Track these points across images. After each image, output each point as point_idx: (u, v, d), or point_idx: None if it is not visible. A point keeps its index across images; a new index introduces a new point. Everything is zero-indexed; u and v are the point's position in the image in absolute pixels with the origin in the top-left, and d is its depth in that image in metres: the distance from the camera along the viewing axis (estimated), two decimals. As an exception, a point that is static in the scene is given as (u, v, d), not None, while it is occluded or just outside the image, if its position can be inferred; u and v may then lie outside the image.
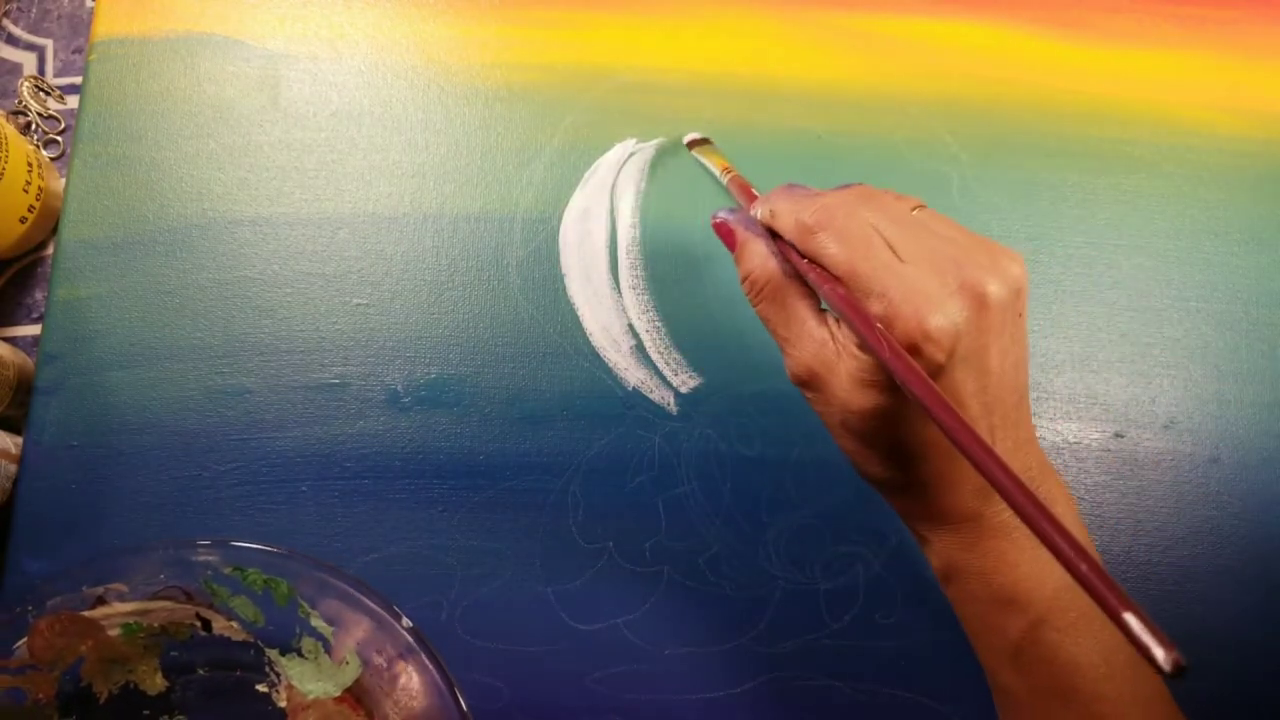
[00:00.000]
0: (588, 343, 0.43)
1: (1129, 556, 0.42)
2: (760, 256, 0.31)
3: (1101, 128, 0.47)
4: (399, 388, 0.42)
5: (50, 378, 0.41)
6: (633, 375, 0.42)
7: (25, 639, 0.35)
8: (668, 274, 0.43)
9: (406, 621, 0.35)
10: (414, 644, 0.35)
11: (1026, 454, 0.29)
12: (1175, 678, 0.18)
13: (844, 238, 0.28)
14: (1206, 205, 0.46)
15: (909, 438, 0.28)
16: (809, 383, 0.29)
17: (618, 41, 0.46)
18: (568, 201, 0.44)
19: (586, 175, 0.44)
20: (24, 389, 0.41)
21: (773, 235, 0.31)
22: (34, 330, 0.43)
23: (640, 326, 0.43)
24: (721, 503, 0.42)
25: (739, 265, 0.32)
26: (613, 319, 0.43)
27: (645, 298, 0.43)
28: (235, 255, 0.43)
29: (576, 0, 0.46)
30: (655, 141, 0.45)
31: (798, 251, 0.30)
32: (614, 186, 0.44)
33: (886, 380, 0.27)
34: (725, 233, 0.33)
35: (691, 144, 0.44)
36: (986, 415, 0.28)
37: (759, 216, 0.32)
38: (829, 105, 0.46)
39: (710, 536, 0.41)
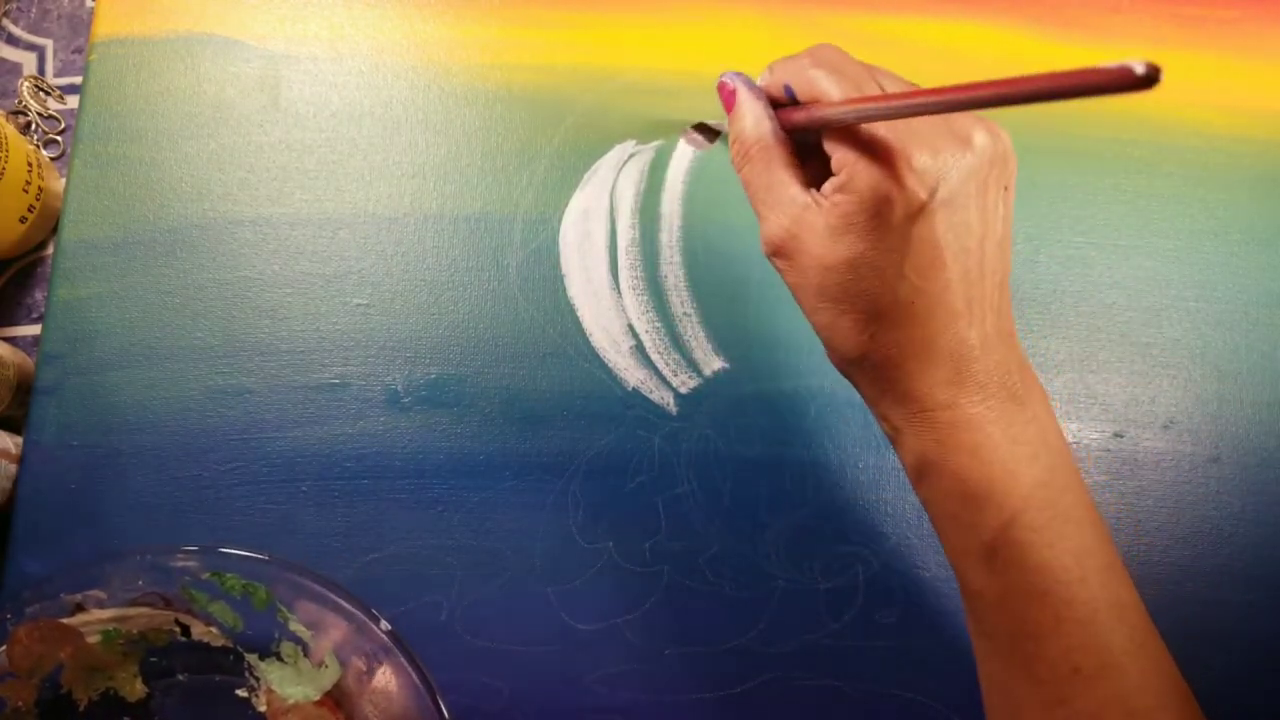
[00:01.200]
0: (588, 343, 0.43)
1: (1129, 556, 0.42)
2: (754, 116, 0.30)
3: (1101, 128, 0.47)
4: (399, 388, 0.42)
5: (50, 378, 0.41)
6: (632, 375, 0.42)
7: (4, 647, 0.35)
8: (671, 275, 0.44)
9: (384, 624, 0.35)
10: (392, 646, 0.35)
11: (1007, 348, 0.28)
12: (1154, 81, 0.18)
13: (842, 75, 0.28)
14: (1206, 205, 0.46)
15: (885, 296, 0.28)
16: (783, 246, 0.29)
17: (618, 42, 0.46)
18: (568, 202, 0.44)
19: (586, 176, 0.44)
20: (24, 389, 0.41)
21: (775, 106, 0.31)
22: (34, 330, 0.43)
23: (640, 327, 0.43)
24: (721, 503, 0.42)
25: (731, 126, 0.31)
26: (612, 319, 0.43)
27: (645, 298, 0.43)
28: (235, 255, 0.43)
29: (576, 0, 0.46)
30: (655, 143, 0.45)
31: (794, 100, 0.30)
32: (614, 187, 0.44)
33: (863, 222, 0.27)
34: (726, 94, 0.32)
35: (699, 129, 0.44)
36: (964, 284, 0.27)
37: (760, 81, 0.32)
38: (829, 105, 0.46)
39: (710, 536, 0.41)
